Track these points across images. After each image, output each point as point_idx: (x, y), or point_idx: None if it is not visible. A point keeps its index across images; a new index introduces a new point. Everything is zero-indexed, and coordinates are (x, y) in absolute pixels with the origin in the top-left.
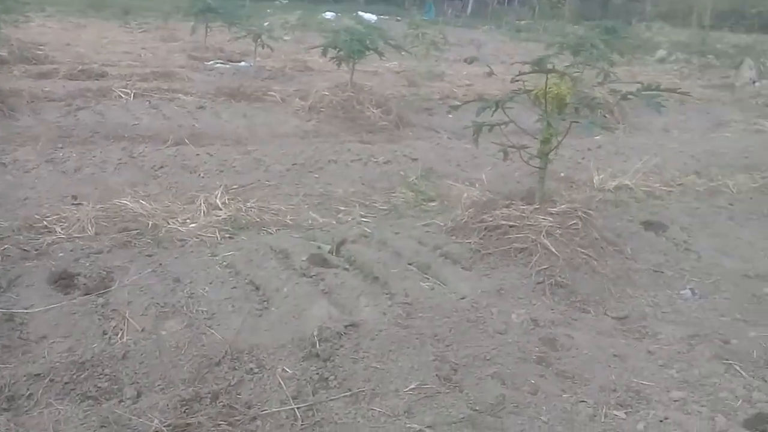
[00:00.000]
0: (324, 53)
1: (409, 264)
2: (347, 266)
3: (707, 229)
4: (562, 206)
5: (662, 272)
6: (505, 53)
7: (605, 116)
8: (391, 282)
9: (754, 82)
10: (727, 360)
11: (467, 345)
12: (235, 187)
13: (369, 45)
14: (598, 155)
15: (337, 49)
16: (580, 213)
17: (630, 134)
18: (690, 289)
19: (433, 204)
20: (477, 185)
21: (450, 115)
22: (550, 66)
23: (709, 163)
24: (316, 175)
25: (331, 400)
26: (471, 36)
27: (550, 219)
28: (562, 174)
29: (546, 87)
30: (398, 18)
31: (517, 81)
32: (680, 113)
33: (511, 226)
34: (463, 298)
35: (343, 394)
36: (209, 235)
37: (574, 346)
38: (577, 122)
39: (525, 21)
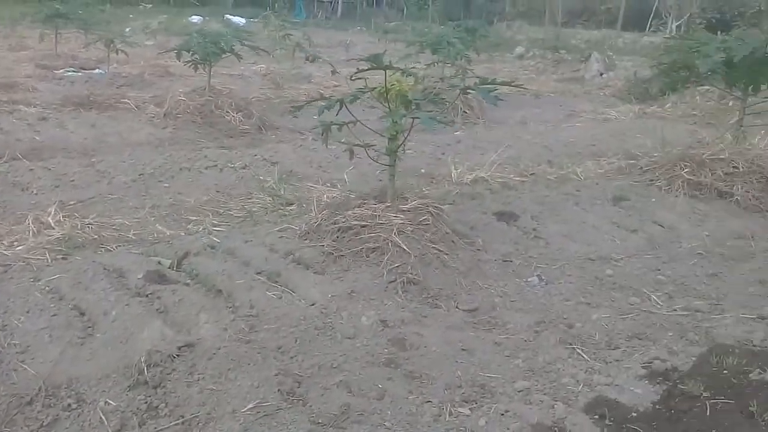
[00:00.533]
0: (178, 57)
1: (258, 273)
2: (188, 281)
3: (555, 216)
4: (414, 202)
5: (511, 261)
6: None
7: (465, 111)
8: (236, 294)
9: (601, 74)
10: (570, 345)
11: (314, 354)
12: (72, 202)
13: (224, 47)
14: (458, 150)
15: (191, 53)
16: (430, 208)
17: (489, 128)
18: (537, 275)
19: (292, 208)
20: (339, 186)
21: (315, 116)
22: (405, 64)
23: (561, 153)
24: (166, 185)
25: (160, 430)
26: (341, 37)
27: (402, 216)
28: (423, 170)
29: (386, 84)
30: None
31: (359, 78)
32: (536, 106)
33: (363, 226)
34: (312, 305)
35: (173, 423)
36: (37, 257)
37: (423, 344)
38: (416, 118)
39: (394, 22)
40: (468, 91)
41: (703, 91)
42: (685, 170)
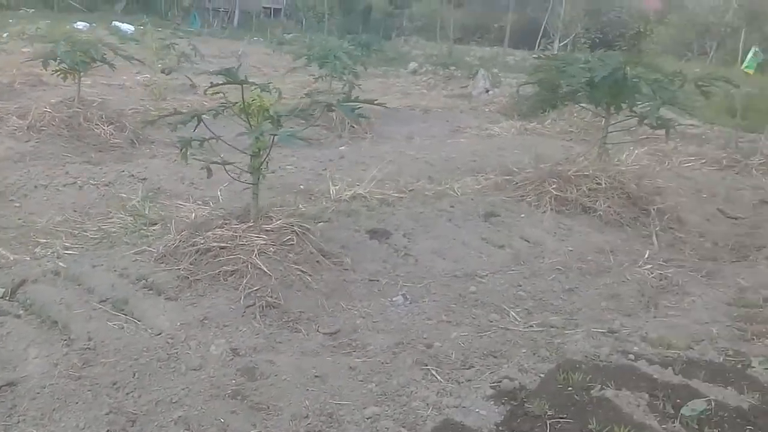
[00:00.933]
0: (44, 65)
1: (102, 301)
2: (21, 312)
3: (428, 233)
4: (278, 222)
5: (378, 280)
6: (267, 65)
7: (353, 126)
8: (74, 325)
9: (487, 91)
10: (426, 366)
11: (153, 389)
12: None
13: (95, 56)
14: (340, 165)
15: (58, 61)
16: (296, 228)
17: (375, 143)
18: (402, 294)
19: (155, 228)
20: (211, 204)
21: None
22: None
23: (442, 168)
24: (18, 204)
25: None
26: (234, 47)
27: (264, 237)
28: (302, 186)
29: (243, 99)
30: (159, 29)
31: (218, 93)
32: (424, 122)
33: (222, 248)
34: (158, 335)
35: None
36: None
37: (275, 372)
38: (274, 134)
39: (292, 34)
40: (332, 108)
41: (580, 108)
42: (553, 186)
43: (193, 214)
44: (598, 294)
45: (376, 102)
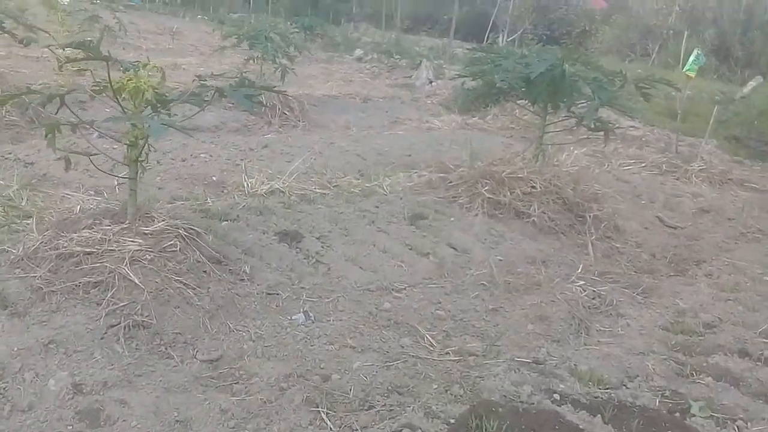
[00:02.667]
0: None
1: None
2: None
3: (345, 237)
4: (161, 223)
5: (278, 294)
6: (207, 44)
7: (284, 113)
8: None
9: (431, 82)
10: (317, 407)
11: None
12: None
13: None
14: (262, 155)
15: None
16: (181, 231)
17: (307, 132)
18: (304, 312)
19: (29, 222)
20: (105, 194)
21: (106, 109)
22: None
23: (374, 162)
24: None
25: None
26: (172, 24)
27: (140, 241)
28: (214, 178)
29: (110, 79)
30: (96, 1)
31: (83, 70)
32: (362, 111)
33: (87, 253)
34: None
35: None
36: None
37: (124, 416)
38: (136, 122)
39: (238, 14)
40: (225, 93)
41: (524, 104)
42: (486, 188)
43: (78, 207)
44: (525, 315)
45: (275, 89)
